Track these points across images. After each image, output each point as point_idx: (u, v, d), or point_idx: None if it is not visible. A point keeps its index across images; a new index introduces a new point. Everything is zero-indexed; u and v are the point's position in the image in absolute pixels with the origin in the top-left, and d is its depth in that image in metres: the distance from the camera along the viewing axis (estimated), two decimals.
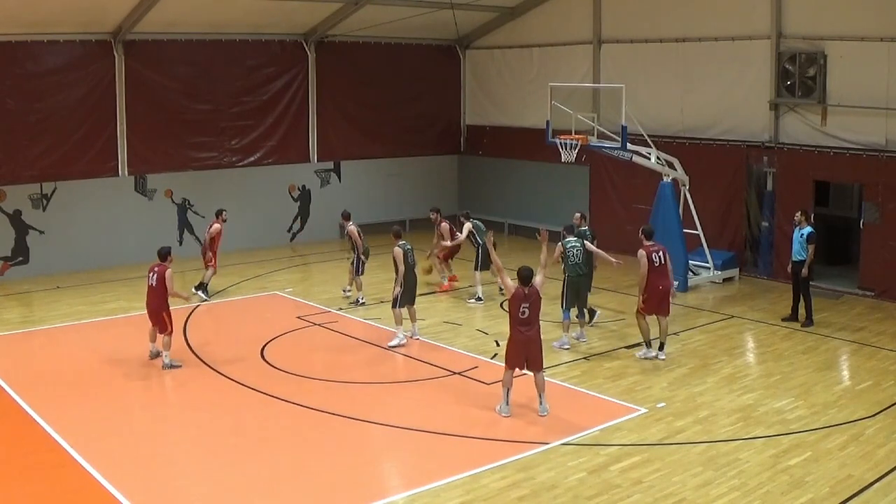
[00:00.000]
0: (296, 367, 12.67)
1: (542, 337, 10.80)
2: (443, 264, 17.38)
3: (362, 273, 16.12)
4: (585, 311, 13.91)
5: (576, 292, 13.55)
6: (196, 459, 9.77)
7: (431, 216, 17.34)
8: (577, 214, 15.37)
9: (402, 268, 13.56)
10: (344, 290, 16.63)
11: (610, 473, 9.21)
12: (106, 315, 15.47)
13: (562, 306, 13.58)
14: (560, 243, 13.61)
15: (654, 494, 8.72)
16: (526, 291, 10.51)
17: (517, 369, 10.72)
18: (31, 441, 10.08)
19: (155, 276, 12.54)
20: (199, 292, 16.39)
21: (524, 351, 10.59)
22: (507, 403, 10.73)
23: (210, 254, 16.41)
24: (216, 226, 16.47)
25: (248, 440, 10.17)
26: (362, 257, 16.04)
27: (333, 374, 12.43)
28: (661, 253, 12.84)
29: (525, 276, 10.54)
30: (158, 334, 12.68)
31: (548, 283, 11.52)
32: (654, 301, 12.81)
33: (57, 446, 9.85)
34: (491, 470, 9.26)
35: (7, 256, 18.18)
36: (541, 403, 10.76)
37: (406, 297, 13.72)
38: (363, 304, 16.00)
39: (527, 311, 10.49)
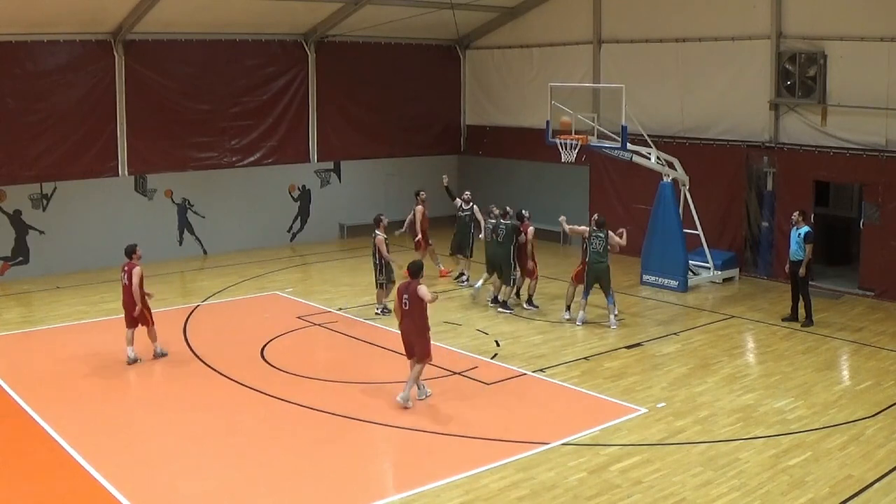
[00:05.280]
0: (296, 367, 12.67)
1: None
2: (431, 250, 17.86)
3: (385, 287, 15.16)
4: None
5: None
6: (196, 459, 9.75)
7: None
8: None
9: None
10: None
11: (610, 473, 9.21)
12: (106, 315, 15.47)
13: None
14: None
15: (654, 494, 8.73)
16: (407, 286, 11.14)
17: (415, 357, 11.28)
18: (31, 441, 10.08)
19: (125, 275, 12.80)
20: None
21: (405, 340, 11.26)
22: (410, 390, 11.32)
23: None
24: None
25: (247, 440, 10.17)
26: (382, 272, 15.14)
27: (333, 374, 12.44)
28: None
29: (413, 272, 11.30)
30: (141, 327, 12.88)
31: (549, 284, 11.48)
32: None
33: (57, 446, 9.85)
34: (491, 470, 9.26)
35: (7, 256, 18.17)
36: (419, 388, 11.36)
37: None
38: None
39: (407, 303, 11.10)
